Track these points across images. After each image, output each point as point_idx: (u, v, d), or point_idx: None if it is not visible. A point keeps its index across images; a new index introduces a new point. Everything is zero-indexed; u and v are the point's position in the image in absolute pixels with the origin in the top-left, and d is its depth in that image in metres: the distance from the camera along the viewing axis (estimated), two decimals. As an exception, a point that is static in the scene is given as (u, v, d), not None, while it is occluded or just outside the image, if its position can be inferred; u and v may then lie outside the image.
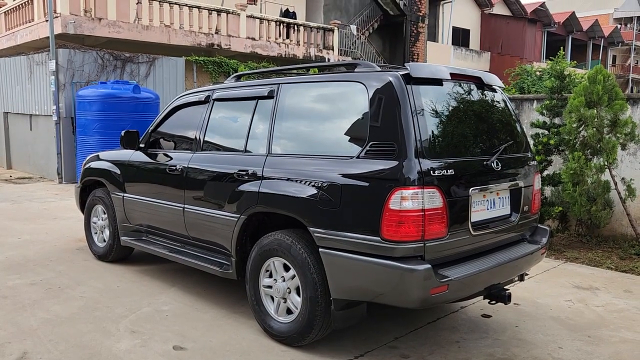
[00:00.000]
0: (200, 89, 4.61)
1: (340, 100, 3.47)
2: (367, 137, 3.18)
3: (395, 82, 3.17)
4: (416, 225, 2.97)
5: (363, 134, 3.22)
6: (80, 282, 4.86)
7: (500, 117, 3.79)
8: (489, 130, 3.65)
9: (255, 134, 3.94)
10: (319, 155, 3.44)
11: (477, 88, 3.68)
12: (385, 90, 3.19)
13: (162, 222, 4.71)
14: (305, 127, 3.66)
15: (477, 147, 3.48)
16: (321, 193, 3.29)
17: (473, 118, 3.55)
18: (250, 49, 16.46)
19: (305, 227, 3.45)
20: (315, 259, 3.37)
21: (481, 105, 3.66)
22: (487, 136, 3.60)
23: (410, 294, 3.00)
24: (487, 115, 3.68)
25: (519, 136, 3.89)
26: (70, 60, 11.61)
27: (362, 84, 3.30)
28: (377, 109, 3.19)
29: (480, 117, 3.61)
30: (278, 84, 3.87)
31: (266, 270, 3.74)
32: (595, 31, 39.47)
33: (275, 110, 3.80)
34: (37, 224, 7.40)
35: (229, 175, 3.94)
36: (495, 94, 3.85)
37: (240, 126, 4.13)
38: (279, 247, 3.55)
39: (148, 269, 5.28)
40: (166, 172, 4.54)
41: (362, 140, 3.21)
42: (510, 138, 3.75)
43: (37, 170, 13.03)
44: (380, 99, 3.19)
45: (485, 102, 3.71)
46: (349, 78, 3.44)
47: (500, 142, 3.63)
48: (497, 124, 3.74)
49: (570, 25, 37.29)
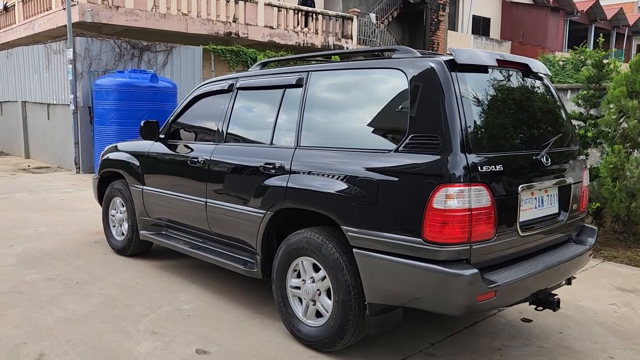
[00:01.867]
0: (222, 78, 4.38)
1: (377, 89, 3.21)
2: (407, 129, 2.92)
3: (438, 69, 2.91)
4: (462, 226, 2.72)
5: (402, 125, 2.96)
6: (98, 278, 4.69)
7: (548, 108, 3.50)
8: (537, 121, 3.37)
9: (282, 125, 3.71)
10: (353, 148, 3.19)
11: (523, 76, 3.39)
12: (428, 77, 2.92)
13: (182, 216, 4.51)
14: (337, 118, 3.41)
15: (525, 140, 3.20)
16: (355, 189, 3.04)
17: (520, 108, 3.27)
18: (268, 38, 16.19)
19: (337, 225, 3.22)
20: (348, 260, 3.14)
21: (528, 95, 3.38)
22: (536, 128, 3.32)
23: (454, 300, 2.75)
24: (534, 105, 3.39)
25: (567, 128, 3.60)
26: (88, 49, 11.46)
27: (401, 71, 3.04)
28: (418, 99, 2.92)
29: (527, 108, 3.32)
30: (307, 71, 3.62)
31: (294, 270, 3.51)
32: (619, 20, 38.47)
33: (305, 100, 3.56)
34: (54, 215, 7.26)
35: (255, 169, 3.72)
36: (541, 82, 3.56)
37: (265, 117, 3.90)
38: (309, 245, 3.32)
39: (167, 265, 5.10)
40: (187, 165, 4.33)
41: (402, 133, 2.96)
42: (559, 130, 3.47)
43: (54, 160, 12.95)
44: (421, 87, 2.93)
45: (532, 91, 3.42)
46: (387, 65, 3.18)
47: (549, 134, 3.35)
48: (545, 114, 3.46)
49: (593, 13, 36.36)
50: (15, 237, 6.02)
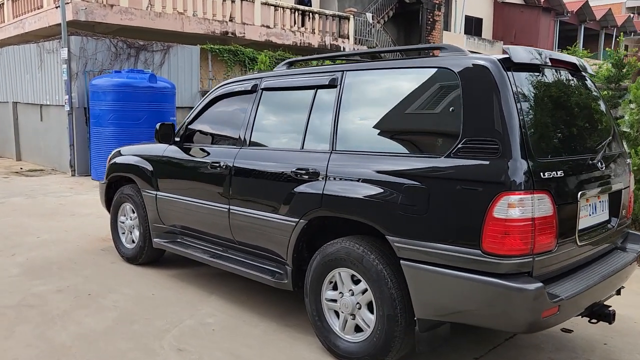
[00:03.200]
0: (244, 78, 4.15)
1: (423, 90, 3.01)
2: (460, 133, 2.73)
3: (492, 69, 2.72)
4: (525, 237, 2.53)
5: (453, 128, 2.77)
6: (111, 289, 4.44)
7: (595, 108, 3.34)
8: (588, 123, 3.20)
9: (314, 128, 3.50)
10: (397, 153, 3.00)
11: (570, 75, 3.22)
12: (482, 78, 2.73)
13: (201, 223, 4.28)
14: (377, 120, 3.20)
15: (580, 144, 3.02)
16: (403, 197, 2.85)
17: (572, 110, 3.09)
18: (265, 37, 15.96)
19: (379, 235, 3.02)
20: (393, 272, 2.94)
21: (578, 95, 3.21)
22: (588, 130, 3.15)
23: (517, 317, 2.56)
24: (584, 106, 3.22)
25: (614, 130, 3.44)
26: (83, 48, 11.13)
27: (450, 71, 2.85)
28: (472, 101, 2.73)
29: (579, 109, 3.15)
30: (342, 70, 3.41)
31: (330, 281, 3.31)
32: (608, 20, 38.74)
33: (339, 101, 3.35)
34: (55, 220, 6.98)
35: (285, 175, 3.51)
36: (586, 82, 3.39)
37: (295, 119, 3.69)
38: (348, 256, 3.12)
39: (182, 274, 4.86)
40: (207, 169, 4.10)
41: (453, 136, 2.76)
42: (608, 132, 3.31)
43: (48, 162, 12.60)
44: (475, 88, 2.74)
45: (580, 91, 3.25)
46: (434, 64, 2.98)
47: (600, 136, 3.19)
48: (594, 115, 3.29)
49: (583, 14, 36.56)
50: (16, 245, 5.75)
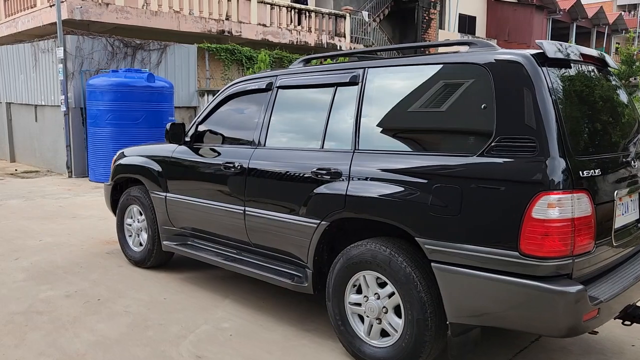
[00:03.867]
0: (259, 76, 4.04)
1: (451, 86, 2.92)
2: (494, 130, 2.64)
3: (526, 64, 2.63)
4: (564, 238, 2.45)
5: (487, 126, 2.68)
6: (121, 294, 4.32)
7: (623, 104, 3.26)
8: (620, 119, 3.12)
9: (334, 127, 3.40)
10: (425, 152, 2.91)
11: (597, 71, 3.14)
12: (516, 73, 2.64)
13: (215, 226, 4.17)
14: (404, 118, 3.11)
15: (614, 141, 2.95)
16: (433, 197, 2.76)
17: (604, 105, 3.01)
18: (262, 36, 15.82)
19: (405, 237, 2.93)
20: (422, 275, 2.85)
21: (607, 91, 3.13)
22: (620, 127, 3.07)
23: (558, 321, 2.48)
24: (614, 102, 3.15)
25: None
26: (79, 48, 10.96)
27: (482, 67, 2.76)
28: (506, 97, 2.64)
29: (610, 105, 3.07)
30: (364, 68, 3.31)
31: (353, 285, 3.21)
32: (600, 18, 38.90)
33: (361, 99, 3.25)
34: (56, 223, 6.83)
35: (304, 175, 3.40)
36: (613, 77, 3.32)
37: (314, 118, 3.59)
38: (373, 259, 3.02)
39: (193, 277, 4.75)
40: (221, 170, 3.99)
41: (486, 134, 2.67)
42: (638, 129, 3.23)
43: (43, 164, 12.41)
44: (509, 84, 2.65)
45: (609, 86, 3.17)
46: (463, 59, 2.89)
47: (630, 133, 3.11)
48: (623, 111, 3.21)
49: (575, 12, 36.70)
50: (19, 249, 5.60)
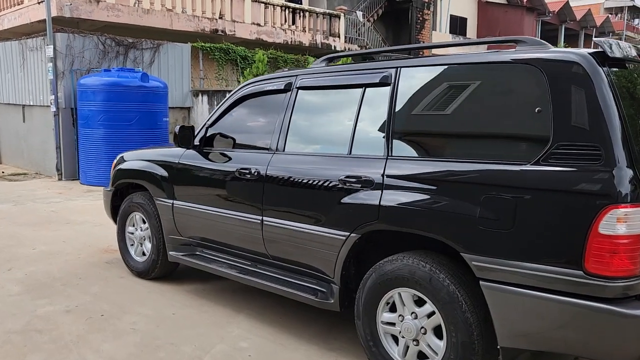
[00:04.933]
0: (276, 75, 3.79)
1: (499, 88, 2.69)
2: (551, 137, 2.41)
3: (586, 64, 2.41)
4: (633, 256, 2.23)
5: (542, 131, 2.45)
6: (125, 309, 4.03)
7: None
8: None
9: (363, 131, 3.16)
10: (470, 159, 2.66)
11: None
12: (575, 74, 2.42)
13: (228, 236, 3.90)
14: (444, 122, 2.86)
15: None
16: (482, 209, 2.52)
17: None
18: (256, 35, 15.54)
19: (446, 251, 2.70)
20: (468, 293, 2.62)
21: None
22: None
23: (626, 347, 2.25)
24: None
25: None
26: (70, 46, 10.60)
27: (535, 67, 2.53)
28: (564, 100, 2.42)
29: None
30: (396, 67, 3.07)
31: (386, 302, 2.97)
32: (587, 21, 39.20)
33: (394, 101, 3.01)
34: (49, 230, 6.50)
35: (331, 183, 3.15)
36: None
37: (338, 121, 3.35)
38: (411, 275, 2.78)
39: (200, 290, 4.47)
40: (235, 177, 3.73)
41: (542, 141, 2.44)
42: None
43: (31, 166, 12.01)
44: (567, 86, 2.43)
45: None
46: (512, 58, 2.65)
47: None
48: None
49: (564, 14, 36.94)
50: (12, 258, 5.28)
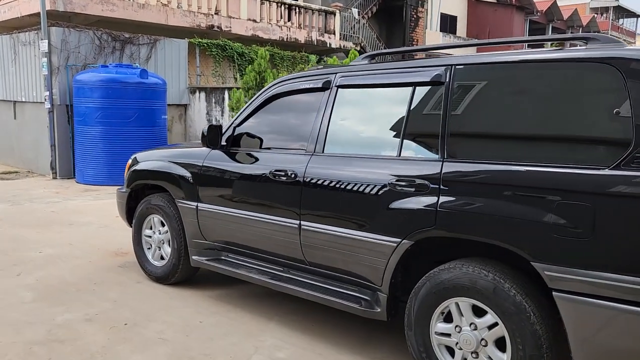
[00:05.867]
0: (312, 73, 3.62)
1: (570, 87, 2.55)
2: (632, 140, 2.28)
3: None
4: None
5: (621, 134, 2.32)
6: (149, 317, 3.84)
7: None
8: None
9: (414, 132, 3.01)
10: (541, 162, 2.52)
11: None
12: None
13: (259, 241, 3.72)
14: (507, 123, 2.71)
15: None
16: (556, 216, 2.39)
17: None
18: (252, 32, 15.30)
19: (508, 258, 2.58)
20: (536, 304, 2.49)
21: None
22: None
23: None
24: None
25: None
26: (65, 41, 10.29)
27: (611, 66, 2.40)
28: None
29: None
30: (449, 65, 2.92)
31: (441, 312, 2.83)
32: (574, 20, 39.56)
33: (449, 101, 2.87)
34: (53, 231, 6.26)
35: (379, 186, 3.00)
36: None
37: (385, 122, 3.20)
38: (472, 285, 2.64)
39: (224, 295, 4.29)
40: (269, 179, 3.56)
41: (621, 144, 2.31)
42: None
43: (23, 164, 11.67)
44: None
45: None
46: (586, 56, 2.51)
47: None
48: None
49: (551, 13, 37.24)
50: (19, 262, 5.04)
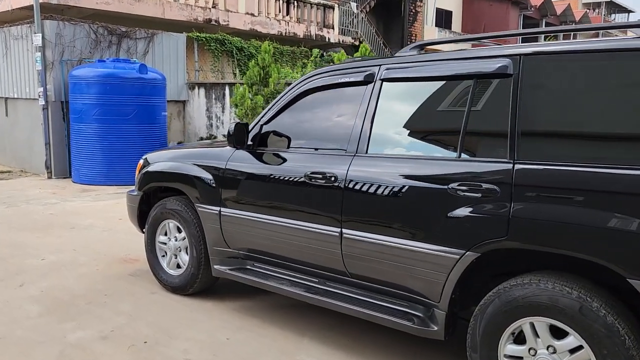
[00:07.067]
0: (350, 65, 3.28)
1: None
2: None
3: None
4: None
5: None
6: (171, 333, 3.50)
7: None
8: None
9: (477, 129, 2.69)
10: (633, 165, 2.23)
11: None
12: None
13: (291, 250, 3.39)
14: (599, 120, 2.39)
15: None
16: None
17: None
18: (250, 26, 14.89)
19: (590, 272, 2.29)
20: (630, 327, 2.19)
21: None
22: None
23: None
24: None
25: None
26: (59, 35, 9.86)
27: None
28: None
29: None
30: (517, 55, 2.61)
31: (512, 333, 2.52)
32: (567, 15, 39.50)
33: (519, 95, 2.55)
34: (53, 236, 5.88)
35: (437, 191, 2.69)
36: None
37: (440, 119, 2.89)
38: (552, 303, 2.33)
39: (248, 307, 3.96)
40: (304, 182, 3.23)
41: None
42: None
43: (15, 163, 11.24)
44: None
45: None
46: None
47: None
48: None
49: (545, 9, 37.21)
50: (20, 271, 4.67)
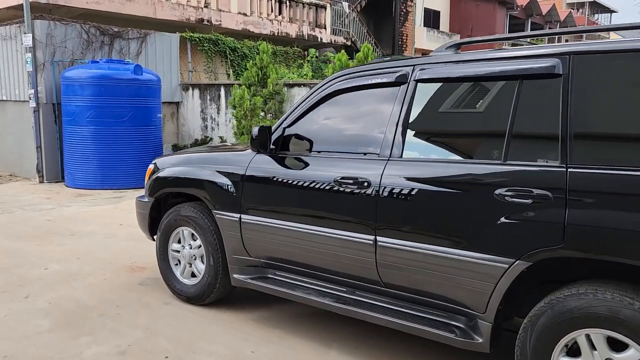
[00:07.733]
0: (381, 66, 3.15)
1: None
2: None
3: None
4: None
5: None
6: (192, 347, 3.33)
7: None
8: None
9: (523, 132, 2.58)
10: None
11: None
12: None
13: (320, 258, 3.25)
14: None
15: None
16: None
17: None
18: (242, 26, 14.71)
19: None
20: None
21: None
22: None
23: None
24: None
25: None
26: (50, 35, 9.59)
27: None
28: None
29: None
30: (567, 53, 2.50)
31: (565, 344, 2.41)
32: (552, 15, 39.92)
33: (570, 96, 2.44)
34: (54, 244, 5.66)
35: (483, 197, 2.57)
36: None
37: (483, 121, 2.76)
38: (612, 314, 2.22)
39: (268, 317, 3.81)
40: (333, 187, 3.09)
41: None
42: None
43: (5, 167, 10.92)
44: None
45: None
46: None
47: None
48: None
49: (530, 9, 37.52)
50: (24, 282, 4.46)
